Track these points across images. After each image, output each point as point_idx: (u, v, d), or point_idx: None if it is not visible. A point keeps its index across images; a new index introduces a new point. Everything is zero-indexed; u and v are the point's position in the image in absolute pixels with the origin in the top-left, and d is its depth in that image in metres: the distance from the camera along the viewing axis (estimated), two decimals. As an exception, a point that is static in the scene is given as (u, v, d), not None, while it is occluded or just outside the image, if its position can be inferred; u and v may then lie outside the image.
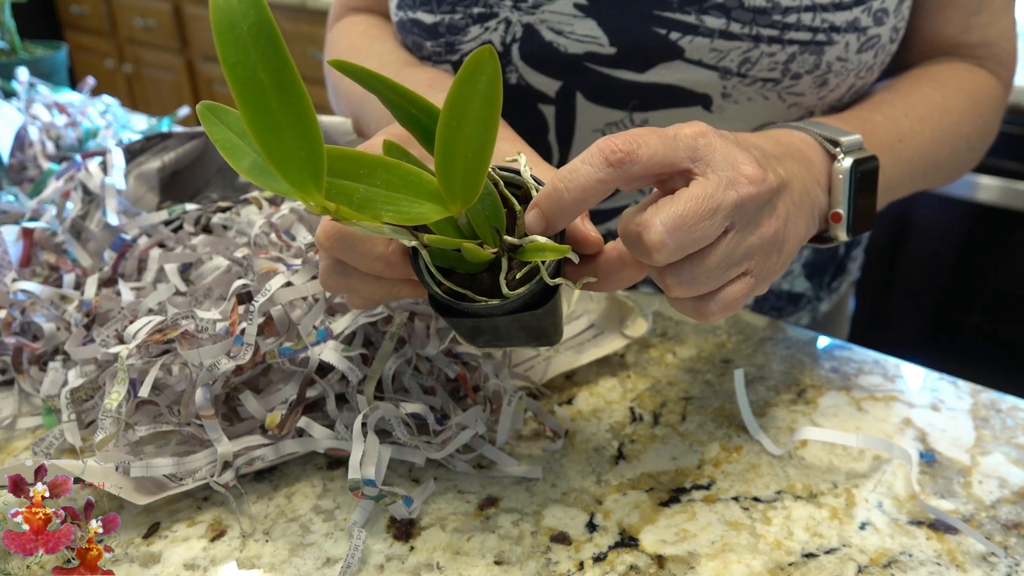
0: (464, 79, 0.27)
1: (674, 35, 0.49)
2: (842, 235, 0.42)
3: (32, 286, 0.48)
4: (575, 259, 0.34)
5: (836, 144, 0.42)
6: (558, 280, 0.33)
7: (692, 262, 0.32)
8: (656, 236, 0.31)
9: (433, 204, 0.30)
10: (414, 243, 0.31)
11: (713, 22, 0.48)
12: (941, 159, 0.53)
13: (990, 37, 0.56)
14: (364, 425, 0.39)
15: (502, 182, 0.33)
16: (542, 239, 0.32)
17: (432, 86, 0.50)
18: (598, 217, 0.60)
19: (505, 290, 0.32)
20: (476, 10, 0.52)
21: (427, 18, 0.54)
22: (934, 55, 0.57)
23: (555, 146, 0.56)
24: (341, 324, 0.42)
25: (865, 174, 0.42)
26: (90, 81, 0.83)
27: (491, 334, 0.36)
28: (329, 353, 0.41)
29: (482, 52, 0.27)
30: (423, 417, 0.41)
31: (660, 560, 0.36)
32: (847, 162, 0.41)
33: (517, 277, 0.33)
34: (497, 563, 0.36)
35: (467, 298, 0.32)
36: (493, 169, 0.33)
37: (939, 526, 0.38)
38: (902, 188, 0.51)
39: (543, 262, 0.32)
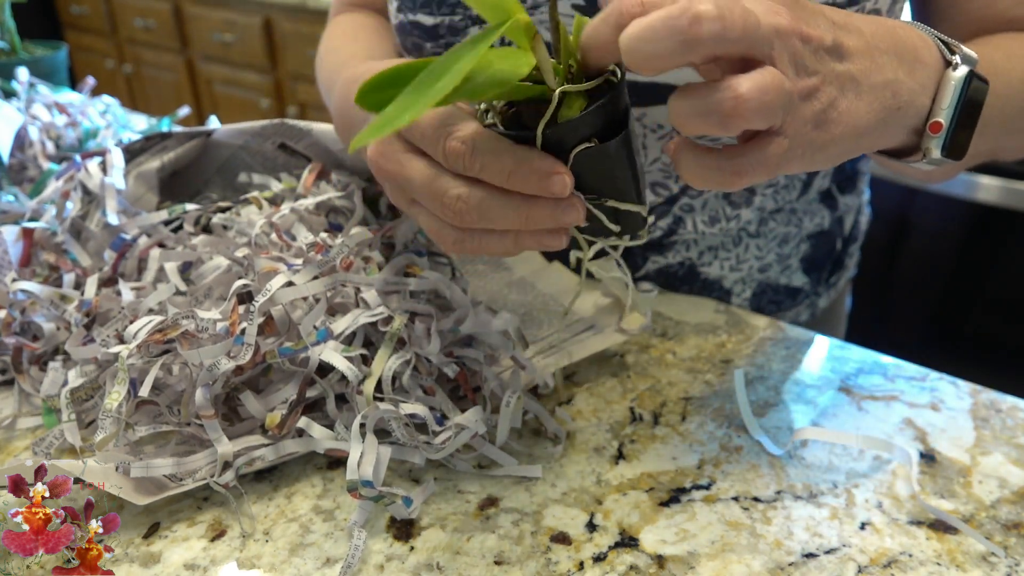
0: None
1: None
2: (935, 151, 0.39)
3: (32, 286, 0.48)
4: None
5: (953, 52, 0.39)
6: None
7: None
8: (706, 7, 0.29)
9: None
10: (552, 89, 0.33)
11: None
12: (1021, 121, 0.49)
13: None
14: (363, 426, 0.39)
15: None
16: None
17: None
18: None
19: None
20: (475, 11, 0.52)
21: (427, 20, 0.54)
22: (986, 34, 0.53)
23: None
24: (341, 324, 0.42)
25: (974, 92, 0.39)
26: (90, 81, 0.83)
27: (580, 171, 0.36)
28: (329, 353, 0.41)
29: None
30: (422, 418, 0.41)
31: (660, 560, 0.36)
32: (962, 71, 0.38)
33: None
34: (497, 563, 0.36)
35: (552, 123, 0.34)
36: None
37: (939, 526, 0.38)
38: (992, 130, 0.46)
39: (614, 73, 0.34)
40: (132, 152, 0.59)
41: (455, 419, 0.41)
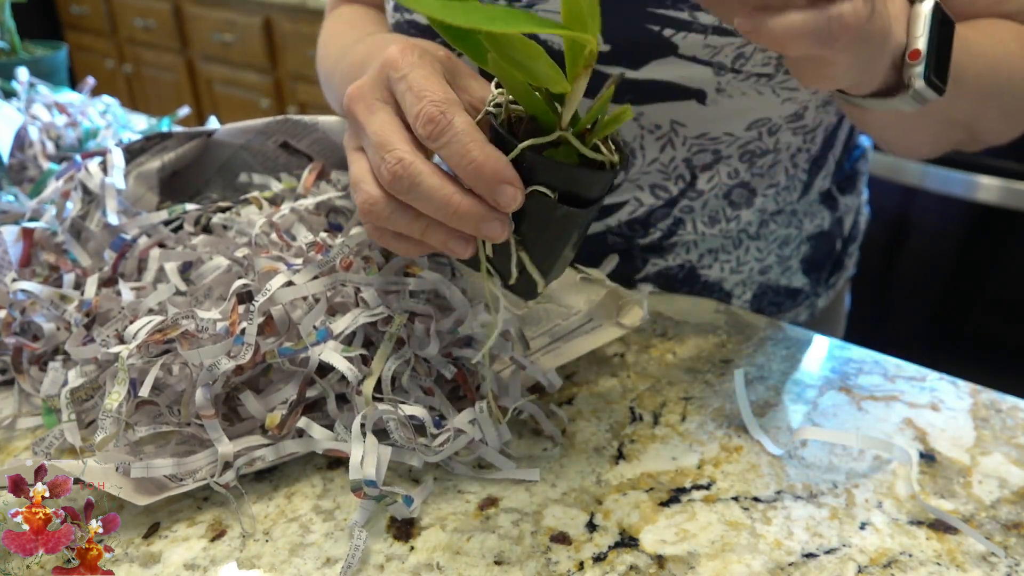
0: None
1: (668, 31, 0.49)
2: (917, 80, 0.41)
3: (32, 286, 0.48)
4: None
5: None
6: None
7: None
8: None
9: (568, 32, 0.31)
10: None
11: (706, 18, 0.49)
12: (1001, 79, 0.51)
13: None
14: (363, 426, 0.39)
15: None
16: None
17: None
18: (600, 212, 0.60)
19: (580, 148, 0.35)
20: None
21: (423, 20, 0.55)
22: None
23: None
24: (341, 324, 0.42)
25: (944, 23, 0.41)
26: (90, 81, 0.83)
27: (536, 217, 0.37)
28: (329, 353, 0.41)
29: None
30: (421, 419, 0.41)
31: (660, 560, 0.36)
32: (928, 3, 0.41)
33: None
34: (497, 563, 0.36)
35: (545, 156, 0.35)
36: None
37: (939, 526, 0.38)
38: (967, 86, 0.48)
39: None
40: (132, 152, 0.59)
41: (453, 422, 0.41)
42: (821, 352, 0.53)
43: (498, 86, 0.38)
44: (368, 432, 0.39)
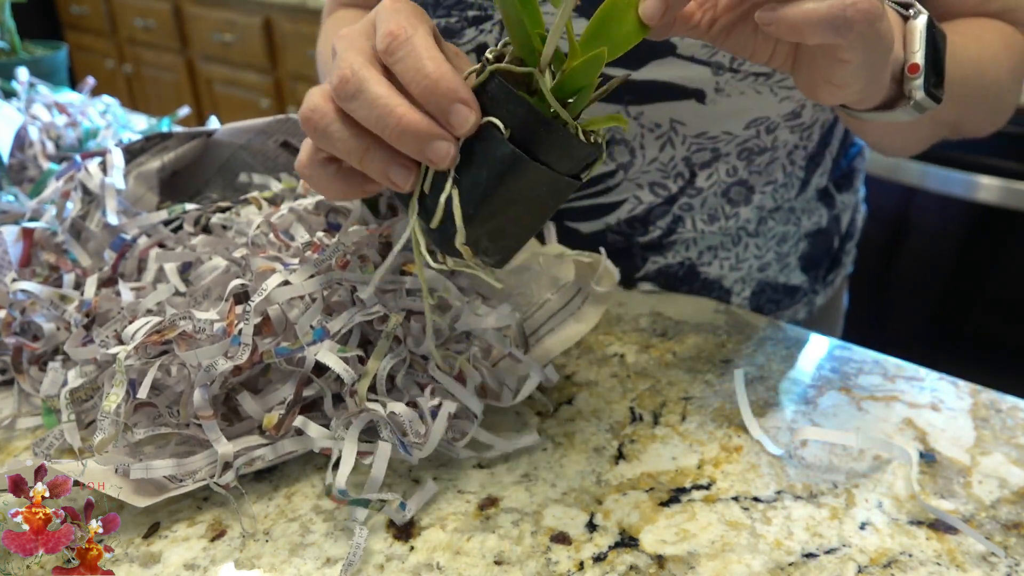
0: None
1: None
2: (918, 92, 0.42)
3: (32, 286, 0.48)
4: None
5: (908, 7, 0.43)
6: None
7: None
8: None
9: None
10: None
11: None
12: (987, 81, 0.52)
13: (1010, 2, 0.55)
14: (347, 427, 0.39)
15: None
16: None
17: None
18: (596, 212, 0.60)
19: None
20: (471, 13, 0.52)
21: None
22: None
23: None
24: (338, 323, 0.42)
25: (937, 35, 0.42)
26: (90, 81, 0.83)
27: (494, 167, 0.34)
28: (325, 354, 0.41)
29: None
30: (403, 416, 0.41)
31: (660, 560, 0.36)
32: (922, 19, 0.42)
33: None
34: (497, 563, 0.36)
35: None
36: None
37: (939, 526, 0.38)
38: (956, 90, 0.49)
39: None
40: (132, 152, 0.59)
41: (426, 405, 0.41)
42: (821, 352, 0.53)
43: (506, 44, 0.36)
44: (352, 435, 0.39)
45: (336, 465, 0.38)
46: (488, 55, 0.35)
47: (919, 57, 0.42)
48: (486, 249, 0.37)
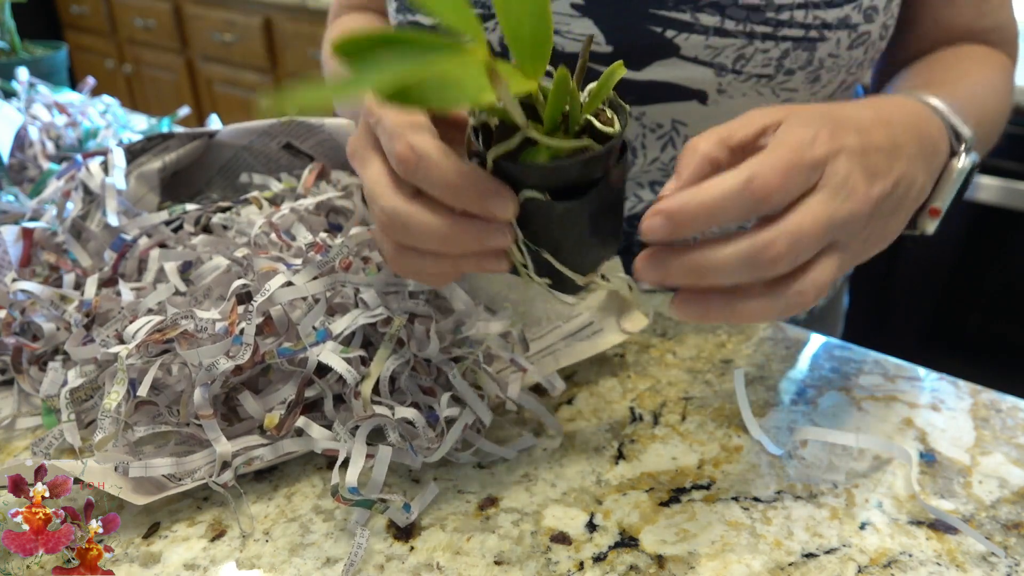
0: None
1: (670, 33, 0.50)
2: (930, 229, 0.42)
3: (32, 286, 0.48)
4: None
5: (961, 141, 0.42)
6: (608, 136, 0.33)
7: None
8: (781, 247, 0.31)
9: (515, 77, 0.29)
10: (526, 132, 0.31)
11: (708, 20, 0.49)
12: (990, 140, 0.53)
13: (1000, 21, 0.57)
14: (354, 431, 0.39)
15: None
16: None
17: None
18: None
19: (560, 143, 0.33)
20: (475, 11, 0.52)
21: (427, 20, 0.55)
22: (948, 43, 0.58)
23: None
24: (340, 325, 0.42)
25: (970, 175, 0.42)
26: (90, 81, 0.83)
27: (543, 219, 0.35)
28: (328, 355, 0.41)
29: None
30: (415, 422, 0.41)
31: (660, 560, 0.36)
32: (965, 163, 0.41)
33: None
34: (497, 563, 0.36)
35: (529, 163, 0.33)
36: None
37: (939, 526, 0.38)
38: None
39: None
40: (134, 152, 0.59)
41: (443, 413, 0.41)
42: (821, 352, 0.53)
43: None
44: (361, 437, 0.39)
45: (339, 465, 0.39)
46: (471, 118, 0.35)
47: (944, 203, 0.41)
48: (589, 266, 0.38)
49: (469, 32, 0.28)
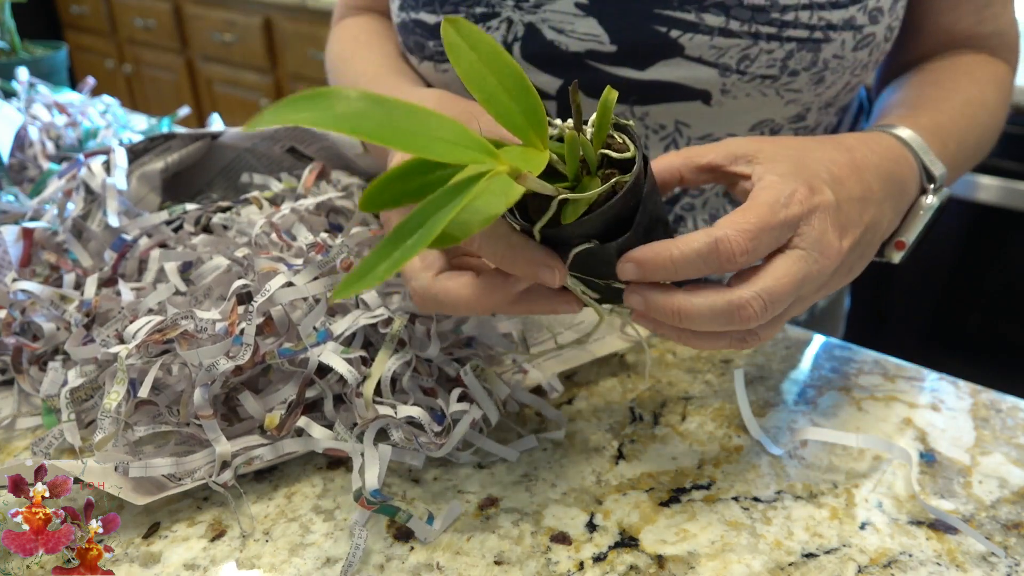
0: (453, 45, 0.30)
1: (674, 33, 0.50)
2: (896, 259, 0.44)
3: (32, 286, 0.48)
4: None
5: (932, 179, 0.45)
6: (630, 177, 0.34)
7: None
8: (755, 307, 0.34)
9: (530, 151, 0.31)
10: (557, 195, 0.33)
11: (713, 20, 0.49)
12: (977, 156, 0.55)
13: (1001, 27, 0.58)
14: (363, 434, 0.39)
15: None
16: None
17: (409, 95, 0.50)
18: None
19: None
20: (479, 10, 0.52)
21: (430, 19, 0.55)
22: (949, 48, 0.59)
23: None
24: (341, 325, 0.42)
25: (939, 211, 0.45)
26: (90, 81, 0.83)
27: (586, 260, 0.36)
28: (329, 355, 0.41)
29: (447, 25, 0.30)
30: (421, 421, 0.41)
31: (660, 560, 0.36)
32: (933, 201, 0.44)
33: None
34: (497, 563, 0.36)
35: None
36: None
37: (939, 526, 0.38)
38: (954, 175, 0.52)
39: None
40: (136, 152, 0.59)
41: (450, 410, 0.41)
42: (821, 352, 0.53)
43: None
44: (370, 440, 0.39)
45: (357, 469, 0.38)
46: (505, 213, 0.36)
47: (911, 238, 0.44)
48: None
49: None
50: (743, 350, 0.37)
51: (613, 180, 0.34)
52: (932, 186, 0.45)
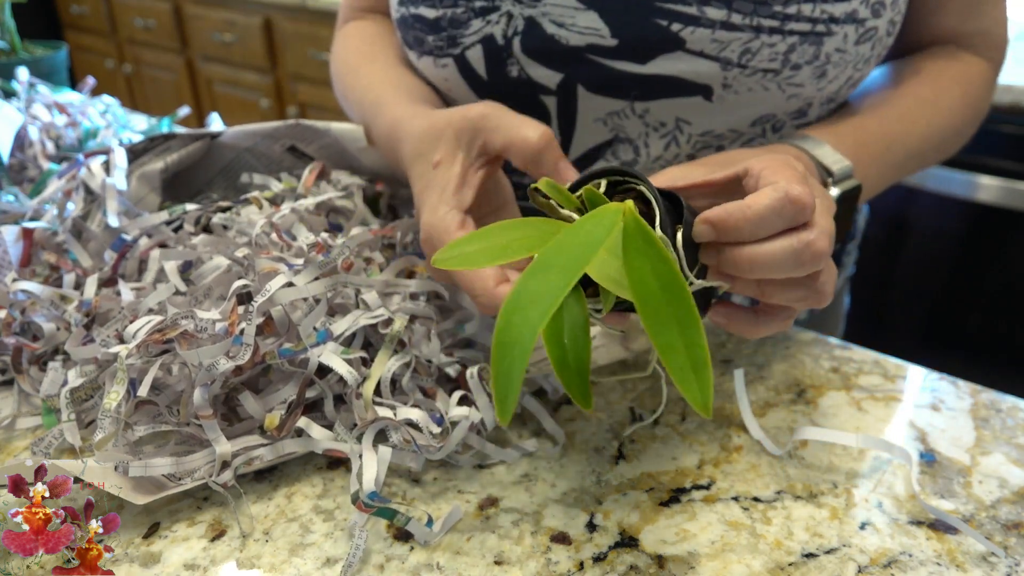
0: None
1: (675, 26, 0.49)
2: None
3: (32, 286, 0.48)
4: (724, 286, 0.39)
5: (830, 174, 0.48)
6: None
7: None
8: (822, 244, 0.36)
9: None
10: None
11: (714, 13, 0.49)
12: (928, 155, 0.57)
13: (985, 25, 0.59)
14: (362, 436, 0.39)
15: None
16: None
17: (416, 116, 0.51)
18: None
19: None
20: (478, 4, 0.52)
21: (429, 13, 0.54)
22: (932, 44, 0.60)
23: (556, 135, 0.56)
24: (341, 326, 0.42)
25: (847, 198, 0.48)
26: (90, 81, 0.83)
27: None
28: (329, 355, 0.41)
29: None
30: (419, 423, 0.41)
31: (660, 560, 0.36)
32: (834, 192, 0.48)
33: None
34: (497, 563, 0.36)
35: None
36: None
37: (939, 526, 0.38)
38: (885, 186, 0.56)
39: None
40: (135, 152, 0.59)
41: (449, 414, 0.41)
42: (821, 352, 0.53)
43: None
44: (368, 442, 0.39)
45: (355, 473, 0.38)
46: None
47: None
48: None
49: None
50: (818, 306, 0.39)
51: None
52: (831, 179, 0.48)
